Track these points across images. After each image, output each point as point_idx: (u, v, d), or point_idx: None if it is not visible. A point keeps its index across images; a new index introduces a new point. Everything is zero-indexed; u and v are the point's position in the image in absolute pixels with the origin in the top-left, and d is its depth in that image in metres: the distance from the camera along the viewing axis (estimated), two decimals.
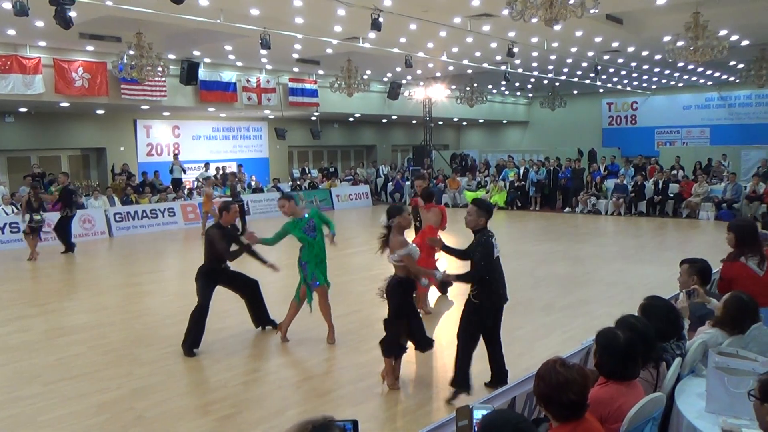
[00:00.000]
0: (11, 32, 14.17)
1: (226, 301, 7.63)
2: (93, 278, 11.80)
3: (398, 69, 20.68)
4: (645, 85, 27.98)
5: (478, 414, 2.58)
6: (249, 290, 7.41)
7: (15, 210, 15.50)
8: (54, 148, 20.85)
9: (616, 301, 8.44)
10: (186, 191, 20.24)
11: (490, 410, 2.59)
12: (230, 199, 7.07)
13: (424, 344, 5.61)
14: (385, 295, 5.58)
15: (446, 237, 7.15)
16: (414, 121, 29.79)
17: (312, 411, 5.19)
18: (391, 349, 5.53)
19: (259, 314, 7.51)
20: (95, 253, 14.17)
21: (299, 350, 6.80)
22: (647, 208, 18.78)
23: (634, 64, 21.25)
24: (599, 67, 20.61)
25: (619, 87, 28.04)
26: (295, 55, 18.43)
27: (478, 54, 18.43)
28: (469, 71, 21.82)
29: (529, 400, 3.72)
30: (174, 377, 6.08)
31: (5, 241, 14.71)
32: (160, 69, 14.12)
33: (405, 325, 5.50)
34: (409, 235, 6.26)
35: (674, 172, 20.15)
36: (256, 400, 5.52)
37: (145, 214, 17.56)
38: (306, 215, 6.88)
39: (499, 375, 5.56)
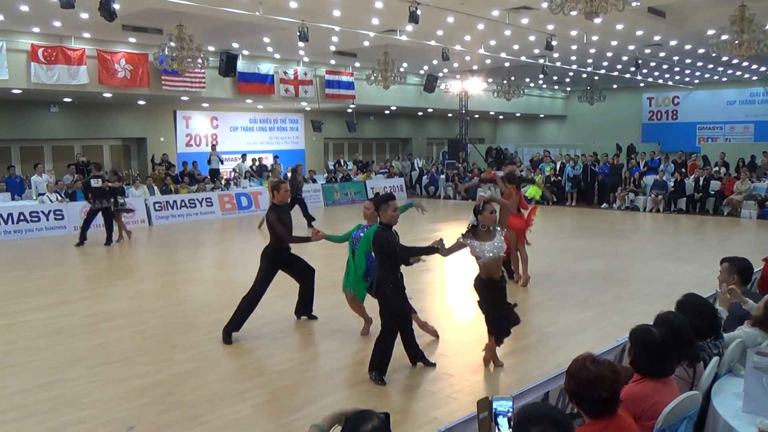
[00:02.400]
0: (57, 24, 14.54)
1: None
2: (133, 266, 12.09)
3: (435, 62, 20.63)
4: (687, 79, 27.37)
5: (497, 405, 2.59)
6: (306, 278, 7.44)
7: (59, 198, 15.94)
8: (96, 138, 21.36)
9: (653, 299, 8.32)
10: (223, 182, 20.54)
11: (509, 400, 2.60)
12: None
13: (504, 334, 5.86)
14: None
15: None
16: (450, 115, 29.69)
17: (344, 401, 5.26)
18: (503, 332, 5.83)
19: (306, 303, 7.57)
20: (135, 241, 14.48)
21: (333, 341, 6.88)
22: (687, 206, 18.41)
23: (676, 58, 20.83)
24: (640, 61, 20.23)
25: (660, 81, 27.50)
26: (332, 48, 18.52)
27: (515, 47, 18.27)
28: (507, 64, 21.64)
29: (562, 395, 3.71)
30: (211, 364, 6.21)
31: (50, 228, 15.13)
32: (199, 61, 14.35)
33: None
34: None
35: (716, 169, 19.72)
36: (290, 389, 5.61)
37: (183, 204, 17.89)
38: (368, 228, 6.58)
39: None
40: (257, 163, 22.64)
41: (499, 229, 5.80)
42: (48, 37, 15.66)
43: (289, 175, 17.99)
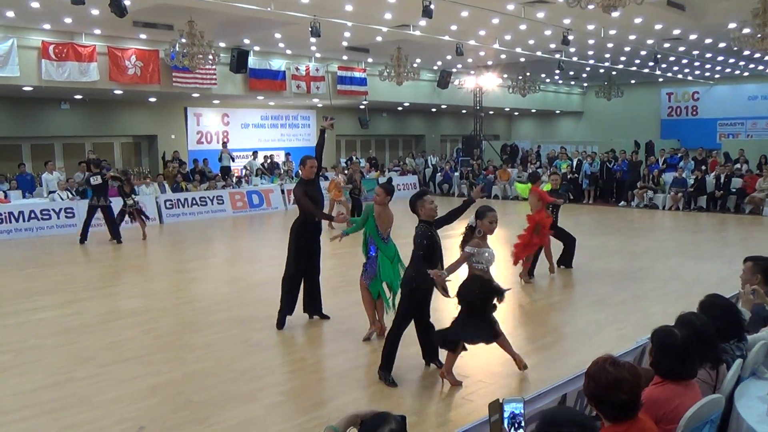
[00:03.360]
0: (68, 20, 14.63)
1: (274, 289, 7.74)
2: (144, 264, 12.16)
3: (449, 57, 20.56)
4: (707, 74, 27.09)
5: (508, 408, 2.57)
6: (309, 275, 7.40)
7: (69, 195, 16.06)
8: (107, 135, 21.51)
9: (673, 299, 8.25)
10: (234, 179, 20.60)
11: (520, 402, 2.57)
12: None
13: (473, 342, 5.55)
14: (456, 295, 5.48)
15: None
16: (464, 111, 29.60)
17: (357, 402, 5.25)
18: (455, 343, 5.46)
19: (313, 301, 7.57)
20: (146, 239, 14.56)
21: (345, 341, 6.87)
22: (707, 204, 18.24)
23: (696, 52, 20.62)
24: (659, 56, 20.05)
25: (680, 76, 27.23)
26: (345, 43, 18.50)
27: (531, 42, 18.17)
28: (522, 59, 21.52)
29: (580, 398, 3.68)
30: (222, 363, 6.23)
31: (60, 225, 15.25)
32: (210, 57, 14.40)
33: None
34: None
35: (737, 165, 19.52)
36: (302, 389, 5.61)
37: (194, 202, 17.97)
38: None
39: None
40: (269, 161, 22.69)
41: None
42: (59, 34, 15.77)
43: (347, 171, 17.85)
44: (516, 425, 2.55)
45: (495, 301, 5.38)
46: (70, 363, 6.27)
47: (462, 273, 5.57)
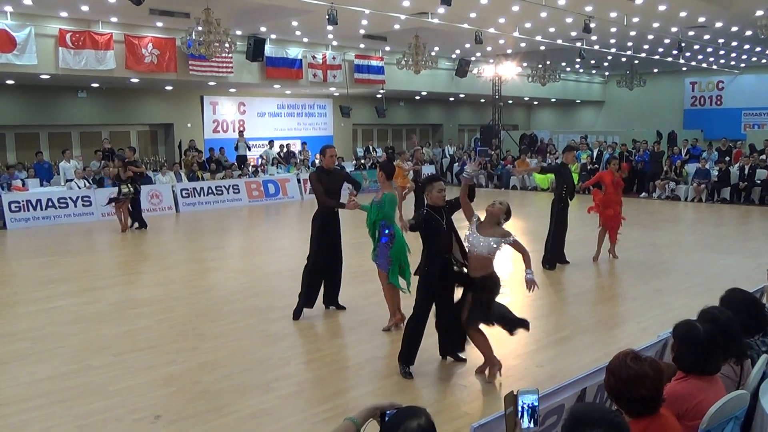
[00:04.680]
0: (85, 8, 14.71)
1: (289, 279, 7.78)
2: (160, 252, 12.25)
3: (467, 45, 20.44)
4: (733, 63, 26.70)
5: (523, 400, 2.54)
6: (331, 267, 7.37)
7: (86, 184, 16.20)
8: (124, 124, 21.65)
9: (695, 292, 8.16)
10: (251, 169, 20.66)
11: (535, 393, 2.54)
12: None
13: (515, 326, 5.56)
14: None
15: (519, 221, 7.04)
16: (482, 100, 29.44)
17: (374, 393, 5.25)
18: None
19: (332, 294, 7.57)
20: (162, 228, 14.68)
21: (361, 332, 6.87)
22: (731, 195, 18.00)
23: (721, 40, 20.31)
24: (683, 44, 19.75)
25: (704, 65, 26.84)
26: (362, 31, 18.45)
27: (552, 30, 17.99)
28: (542, 48, 21.33)
29: (600, 392, 3.65)
30: (238, 353, 6.26)
31: (78, 214, 15.40)
32: (227, 45, 14.40)
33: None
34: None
35: (762, 156, 19.23)
36: (318, 380, 5.62)
37: (210, 191, 18.06)
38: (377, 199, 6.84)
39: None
40: (285, 150, 22.72)
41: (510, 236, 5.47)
42: (76, 22, 15.87)
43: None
44: (531, 417, 2.53)
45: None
46: (86, 351, 6.34)
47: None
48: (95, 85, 19.50)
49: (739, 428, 3.18)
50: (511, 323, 5.52)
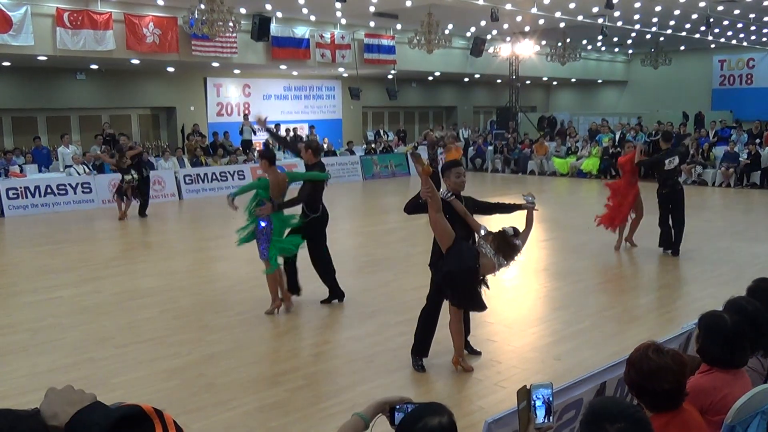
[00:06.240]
0: None
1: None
2: (163, 241, 12.33)
3: (483, 23, 20.29)
4: (764, 39, 26.35)
5: (536, 394, 2.55)
6: (312, 260, 7.64)
7: (86, 170, 16.29)
8: (124, 107, 21.73)
9: (722, 282, 8.13)
10: (256, 153, 20.68)
11: (548, 387, 2.55)
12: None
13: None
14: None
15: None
16: (499, 81, 29.28)
17: (384, 387, 5.28)
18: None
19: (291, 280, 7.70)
20: (165, 215, 14.76)
21: (370, 324, 6.89)
22: (762, 180, 17.85)
23: (752, 15, 20.05)
24: (711, 20, 19.51)
25: (734, 42, 26.51)
26: (372, 8, 18.34)
27: (572, 5, 17.81)
28: (562, 25, 21.14)
29: (620, 386, 3.65)
30: (244, 345, 6.30)
31: (77, 201, 15.51)
32: (231, 24, 14.40)
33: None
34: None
35: None
36: (326, 373, 5.66)
37: (215, 177, 18.09)
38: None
39: None
40: (292, 134, 22.72)
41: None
42: (73, 1, 15.88)
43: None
44: (546, 412, 2.53)
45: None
46: (88, 343, 6.41)
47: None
48: (94, 66, 19.54)
49: (765, 424, 3.17)
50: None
